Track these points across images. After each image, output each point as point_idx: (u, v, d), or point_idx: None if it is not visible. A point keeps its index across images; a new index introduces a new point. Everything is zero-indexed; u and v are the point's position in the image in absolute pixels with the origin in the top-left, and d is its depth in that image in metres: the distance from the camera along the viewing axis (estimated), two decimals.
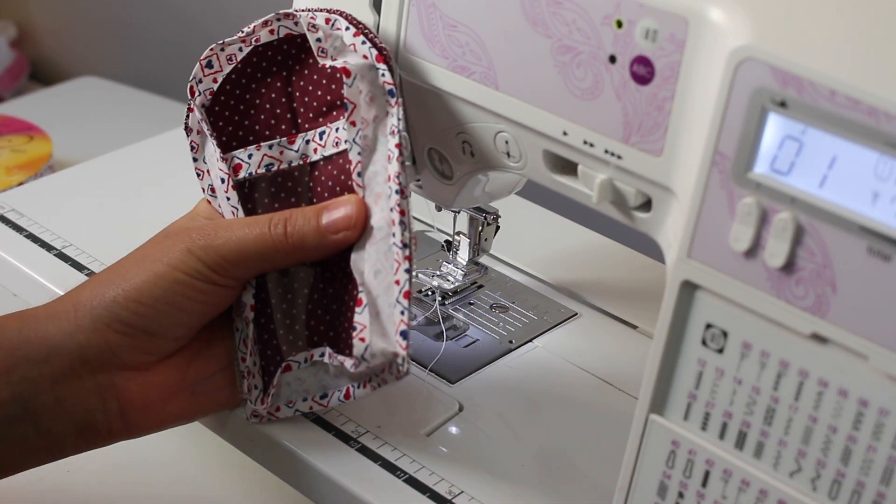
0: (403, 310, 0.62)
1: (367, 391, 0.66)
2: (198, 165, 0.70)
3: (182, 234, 0.65)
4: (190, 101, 0.69)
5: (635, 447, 0.59)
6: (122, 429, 0.66)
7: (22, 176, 1.09)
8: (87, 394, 0.64)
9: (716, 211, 0.54)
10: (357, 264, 0.65)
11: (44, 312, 0.65)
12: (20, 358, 0.63)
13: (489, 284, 0.83)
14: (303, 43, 0.69)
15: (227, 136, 0.69)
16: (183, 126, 0.70)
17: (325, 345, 0.67)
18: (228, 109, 0.69)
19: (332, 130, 0.68)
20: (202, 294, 0.64)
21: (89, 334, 0.64)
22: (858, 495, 0.52)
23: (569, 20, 0.59)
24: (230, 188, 0.68)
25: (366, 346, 0.62)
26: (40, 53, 1.52)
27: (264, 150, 0.69)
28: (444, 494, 0.65)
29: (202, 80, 0.68)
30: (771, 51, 0.51)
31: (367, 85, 0.65)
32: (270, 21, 0.68)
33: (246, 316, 0.67)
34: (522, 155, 0.66)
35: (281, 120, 0.69)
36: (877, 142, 0.49)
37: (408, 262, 0.62)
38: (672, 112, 0.57)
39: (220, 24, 1.32)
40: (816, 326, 0.52)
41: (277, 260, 0.66)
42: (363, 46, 0.65)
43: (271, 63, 0.69)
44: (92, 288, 0.65)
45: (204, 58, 0.68)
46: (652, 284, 0.82)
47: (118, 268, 0.66)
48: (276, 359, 0.68)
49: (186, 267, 0.64)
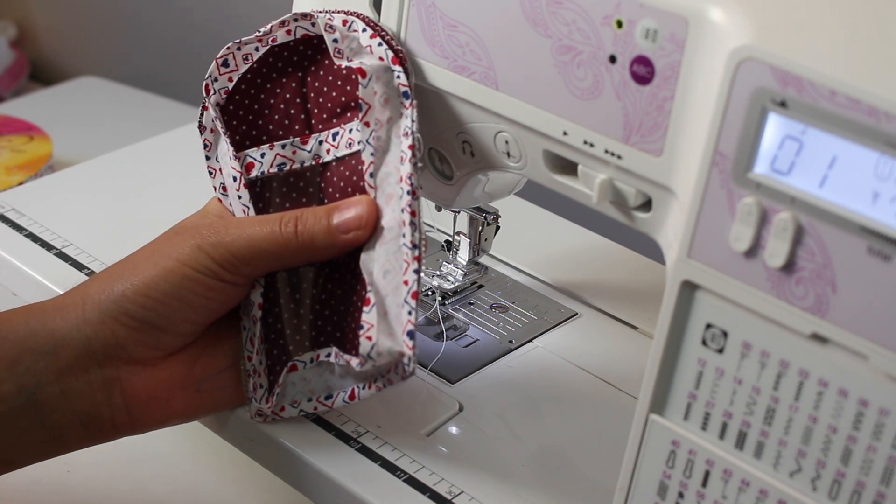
0: (411, 310, 0.62)
1: (372, 392, 0.66)
2: (210, 164, 0.70)
3: (192, 231, 0.66)
4: (205, 100, 0.69)
5: (635, 447, 0.59)
6: (127, 423, 0.66)
7: (22, 176, 1.09)
8: (92, 387, 0.64)
9: (716, 211, 0.54)
10: (366, 264, 0.65)
11: (51, 305, 0.66)
12: (26, 349, 0.63)
13: (489, 284, 0.83)
14: (319, 44, 0.69)
15: (241, 134, 0.70)
16: (196, 125, 0.70)
17: (331, 345, 0.67)
18: (243, 109, 0.70)
19: (345, 132, 0.68)
20: (210, 291, 0.65)
21: (97, 327, 0.64)
22: (858, 495, 0.52)
23: (569, 20, 0.59)
24: (242, 186, 0.68)
25: (372, 344, 0.62)
26: (40, 53, 1.52)
27: (277, 150, 0.69)
28: (444, 494, 0.65)
29: (217, 78, 0.69)
30: (771, 51, 0.51)
31: (382, 86, 0.65)
32: (288, 21, 0.68)
33: (254, 315, 0.67)
34: (522, 155, 0.66)
35: (294, 120, 0.70)
36: (877, 142, 0.49)
37: (417, 263, 0.63)
38: (672, 112, 0.57)
39: (221, 23, 1.32)
40: (816, 326, 0.52)
41: (287, 258, 0.66)
42: (379, 48, 0.66)
43: (287, 63, 0.69)
44: (101, 282, 0.66)
45: (220, 56, 0.69)
46: (652, 286, 0.82)
47: (127, 263, 0.66)
48: (282, 358, 0.68)
49: (196, 263, 0.64)
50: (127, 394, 0.65)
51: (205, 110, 0.69)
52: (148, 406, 0.66)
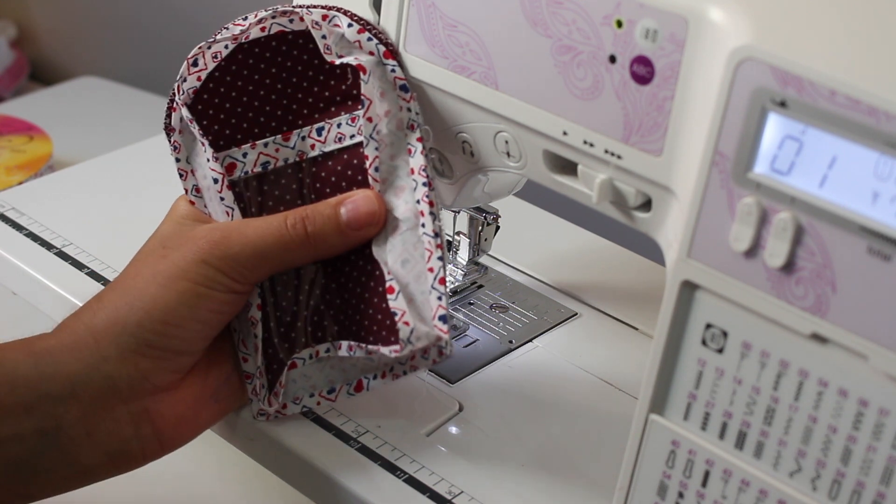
0: (440, 295, 0.63)
1: (387, 381, 0.66)
2: (181, 166, 0.69)
3: (189, 245, 0.64)
4: (174, 100, 0.67)
5: (635, 447, 0.59)
6: (157, 449, 0.65)
7: (22, 176, 1.09)
8: (119, 424, 0.63)
9: (716, 211, 0.54)
10: (380, 255, 0.66)
11: (57, 345, 0.63)
12: (41, 395, 0.61)
13: (489, 284, 0.83)
14: (294, 39, 0.68)
15: (214, 134, 0.68)
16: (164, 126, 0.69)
17: (329, 339, 0.67)
18: (213, 108, 0.68)
19: (332, 126, 0.68)
20: (224, 304, 0.64)
21: (117, 364, 0.62)
22: (858, 495, 0.52)
23: (569, 20, 0.59)
24: (224, 188, 0.67)
25: (411, 328, 0.63)
26: (40, 53, 1.52)
27: (260, 149, 0.68)
28: (444, 494, 0.65)
29: (187, 78, 0.67)
30: (771, 51, 0.51)
31: (377, 81, 0.65)
32: (265, 19, 0.67)
33: (252, 316, 0.67)
34: (522, 155, 0.66)
35: (271, 117, 0.69)
36: (877, 142, 0.49)
37: (440, 251, 0.64)
38: (672, 112, 0.57)
39: (221, 24, 1.32)
40: (816, 326, 0.52)
41: (296, 261, 0.66)
42: (370, 43, 0.66)
43: (259, 60, 0.68)
44: (105, 314, 0.63)
45: (191, 56, 0.67)
46: (652, 287, 0.82)
47: (128, 288, 0.64)
48: (278, 357, 0.68)
49: (207, 280, 0.63)
50: (156, 423, 0.64)
51: (172, 111, 0.68)
52: (177, 429, 0.65)
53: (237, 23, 0.68)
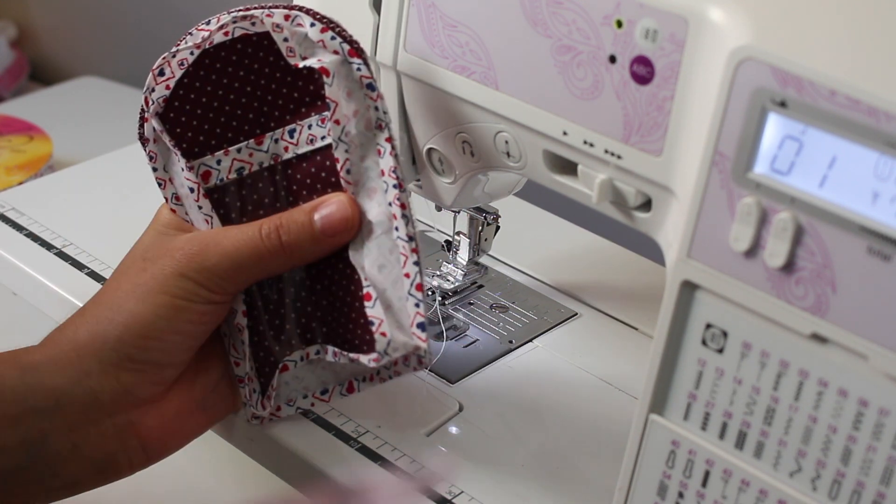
0: (418, 302, 0.62)
1: (374, 384, 0.66)
2: (158, 175, 0.68)
3: (166, 258, 0.64)
4: (145, 112, 0.67)
5: (635, 447, 0.59)
6: (143, 460, 0.65)
7: (22, 176, 1.09)
8: (104, 437, 0.63)
9: (716, 211, 0.54)
10: (356, 260, 0.65)
11: (42, 359, 0.63)
12: (27, 408, 0.62)
13: (489, 284, 0.83)
14: (259, 41, 0.66)
15: (188, 142, 0.67)
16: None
17: (319, 341, 0.67)
18: (185, 115, 0.67)
19: (303, 127, 0.67)
20: (204, 315, 0.64)
21: (100, 378, 0.63)
22: (858, 495, 0.52)
23: (569, 20, 0.59)
24: (201, 197, 0.66)
25: (388, 340, 0.62)
26: (40, 53, 1.52)
27: (233, 155, 0.67)
28: (444, 494, 0.65)
29: (154, 88, 0.66)
30: (771, 51, 0.51)
31: (343, 80, 0.64)
32: (227, 24, 0.66)
33: (238, 322, 0.66)
34: (522, 155, 0.66)
35: (243, 121, 0.67)
36: (877, 142, 0.49)
37: (416, 255, 0.63)
38: (672, 112, 0.57)
39: None
40: (816, 326, 0.52)
41: (274, 270, 0.65)
42: (333, 42, 0.64)
43: (225, 65, 0.67)
44: (87, 328, 0.64)
45: (156, 67, 0.66)
46: (652, 287, 0.82)
47: (107, 302, 0.64)
48: (269, 360, 0.68)
49: (185, 293, 0.63)
50: (142, 435, 0.64)
51: (145, 122, 0.67)
52: (162, 440, 0.65)
53: (201, 28, 0.67)
